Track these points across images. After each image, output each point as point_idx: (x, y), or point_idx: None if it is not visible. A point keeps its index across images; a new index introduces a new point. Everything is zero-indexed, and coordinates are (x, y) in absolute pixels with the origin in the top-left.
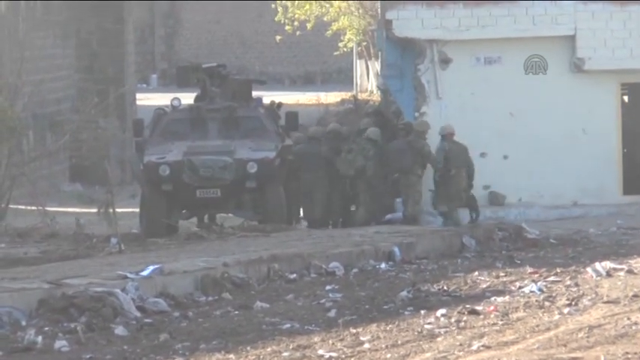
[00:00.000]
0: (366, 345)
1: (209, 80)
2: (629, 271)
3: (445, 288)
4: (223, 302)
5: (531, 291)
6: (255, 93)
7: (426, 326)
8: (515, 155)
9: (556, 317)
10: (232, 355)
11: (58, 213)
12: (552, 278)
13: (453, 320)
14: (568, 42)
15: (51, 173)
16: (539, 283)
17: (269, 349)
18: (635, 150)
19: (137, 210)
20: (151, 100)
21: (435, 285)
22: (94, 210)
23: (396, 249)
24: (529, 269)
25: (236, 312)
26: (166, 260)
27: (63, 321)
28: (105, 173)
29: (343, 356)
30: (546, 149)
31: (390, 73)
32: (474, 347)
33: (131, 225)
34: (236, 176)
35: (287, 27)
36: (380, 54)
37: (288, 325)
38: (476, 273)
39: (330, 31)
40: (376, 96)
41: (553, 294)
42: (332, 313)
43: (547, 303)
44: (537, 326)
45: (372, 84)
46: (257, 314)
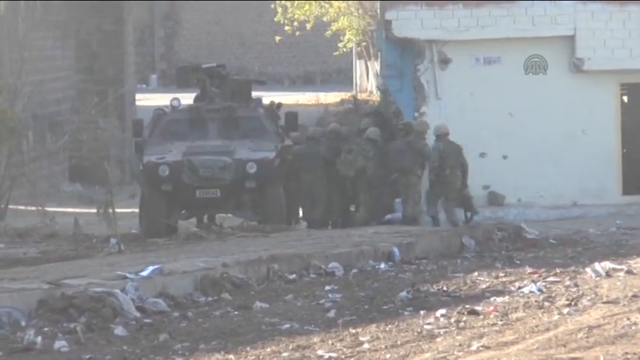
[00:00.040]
0: (366, 345)
1: (209, 80)
2: (628, 272)
3: (444, 288)
4: (223, 302)
5: (531, 291)
6: (254, 93)
7: (426, 326)
8: (514, 155)
9: (555, 317)
10: (232, 356)
11: (58, 213)
12: (552, 278)
13: (453, 320)
14: (567, 42)
15: (51, 173)
16: (538, 284)
17: (268, 350)
18: (634, 150)
19: (137, 210)
20: (151, 101)
21: (435, 285)
22: (94, 210)
23: (396, 249)
24: (528, 269)
25: (235, 312)
26: (166, 260)
27: (62, 321)
28: (104, 173)
29: (343, 356)
30: (546, 149)
31: (390, 74)
32: (474, 347)
33: (131, 225)
34: (235, 176)
35: (286, 27)
36: (379, 54)
37: (287, 326)
38: (475, 273)
39: (330, 32)
40: (376, 96)
41: (552, 294)
42: (331, 314)
43: (546, 303)
44: (537, 326)
45: (372, 84)
46: (256, 314)
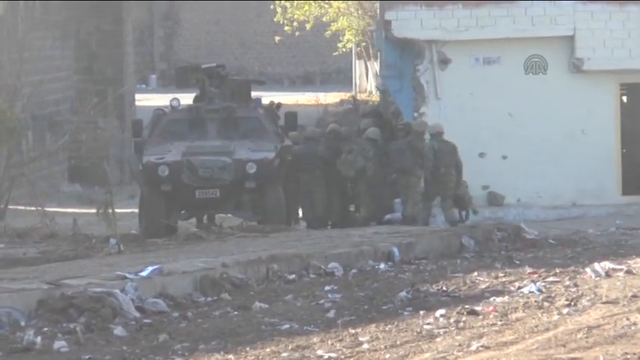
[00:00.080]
0: (365, 345)
1: (208, 81)
2: (628, 272)
3: (444, 288)
4: (222, 303)
5: (530, 291)
6: (254, 93)
7: (425, 327)
8: (514, 155)
9: (555, 318)
10: (231, 356)
11: (58, 213)
12: (551, 279)
13: (452, 321)
14: (567, 42)
15: (50, 174)
16: (538, 284)
17: (268, 350)
18: (634, 150)
19: (136, 210)
20: (150, 101)
21: (434, 285)
22: (93, 210)
23: (395, 249)
24: (528, 269)
25: (235, 312)
26: (165, 261)
27: (62, 321)
28: (104, 174)
29: (342, 357)
30: (545, 149)
31: (389, 74)
32: (473, 347)
33: (130, 225)
34: (235, 177)
35: (286, 27)
36: (379, 54)
37: (287, 326)
38: (475, 273)
39: (329, 32)
40: (375, 96)
41: (552, 294)
42: (331, 314)
43: (546, 303)
44: (536, 327)
45: (371, 84)
46: (256, 315)
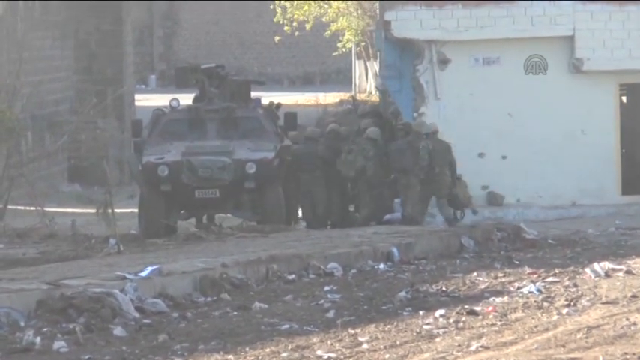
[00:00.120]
0: (365, 345)
1: (208, 81)
2: (627, 272)
3: (444, 288)
4: (222, 303)
5: (530, 291)
6: (253, 93)
7: (425, 327)
8: (513, 156)
9: (555, 318)
10: (231, 356)
11: (57, 214)
12: (551, 279)
13: (452, 321)
14: (567, 42)
15: (50, 174)
16: (537, 284)
17: (267, 350)
18: (633, 150)
19: (136, 210)
20: (150, 101)
21: (434, 285)
22: (93, 210)
23: (395, 249)
24: (528, 270)
25: (235, 312)
26: (165, 261)
27: (61, 321)
28: (103, 174)
29: (342, 357)
30: (545, 150)
31: (389, 74)
32: (473, 348)
33: (130, 226)
34: (235, 177)
35: (286, 27)
36: (379, 54)
37: (286, 326)
38: (474, 273)
39: (329, 32)
40: (375, 96)
41: (552, 294)
42: (330, 314)
43: (545, 303)
44: (536, 327)
45: (371, 84)
46: (255, 315)
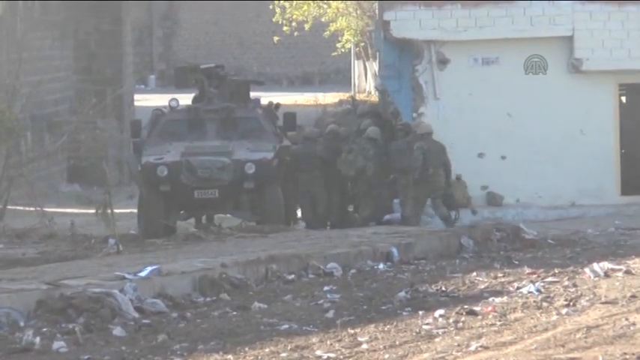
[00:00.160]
0: (364, 345)
1: (207, 81)
2: (627, 272)
3: (443, 288)
4: (221, 303)
5: (529, 291)
6: (253, 94)
7: (424, 327)
8: (513, 156)
9: (554, 318)
10: (230, 356)
11: (56, 214)
12: (550, 279)
13: (451, 321)
14: (566, 42)
15: (49, 174)
16: (537, 284)
17: (267, 350)
18: (633, 150)
19: (135, 211)
20: (149, 101)
21: (433, 285)
22: (92, 211)
23: (394, 250)
24: (527, 270)
25: (234, 313)
26: (164, 261)
27: (61, 322)
28: (103, 174)
29: (341, 357)
30: (544, 150)
31: (388, 74)
32: (472, 348)
33: (129, 226)
34: (234, 177)
35: (285, 28)
36: (378, 55)
37: (286, 326)
38: (474, 273)
39: (328, 32)
40: (374, 97)
41: (551, 294)
42: (330, 314)
43: (545, 304)
44: (535, 327)
45: (370, 85)
46: (255, 315)
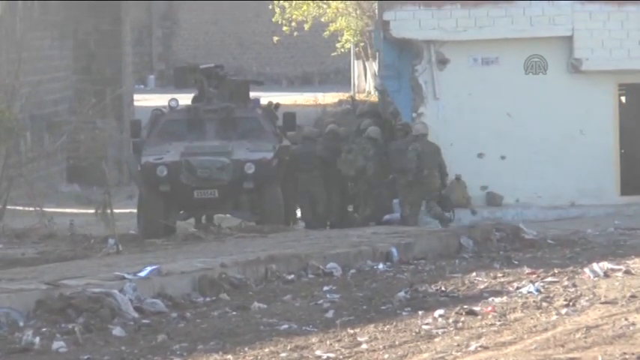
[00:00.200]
0: (364, 345)
1: (206, 81)
2: (626, 272)
3: (443, 288)
4: (221, 303)
5: (529, 291)
6: (252, 94)
7: (424, 327)
8: (512, 156)
9: (554, 318)
10: (230, 356)
11: (56, 214)
12: (550, 279)
13: (451, 321)
14: (565, 42)
15: (48, 174)
16: (536, 284)
17: (266, 350)
18: (632, 150)
19: (135, 211)
20: (149, 101)
21: (433, 285)
22: (92, 211)
23: (394, 250)
24: (527, 270)
25: (234, 313)
26: (164, 261)
27: (60, 322)
28: (102, 174)
29: (341, 357)
30: (544, 150)
31: (388, 74)
32: (472, 348)
33: (129, 226)
34: (234, 177)
35: (284, 28)
36: (377, 55)
37: (285, 326)
38: (473, 274)
39: (328, 32)
40: (374, 97)
41: (551, 294)
42: (329, 314)
43: (545, 303)
44: (535, 327)
45: (370, 85)
46: (254, 315)
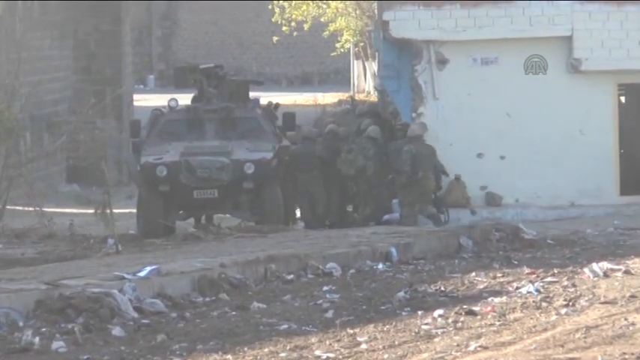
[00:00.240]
0: (364, 346)
1: (206, 81)
2: (626, 272)
3: (442, 288)
4: (220, 303)
5: (528, 291)
6: (252, 94)
7: (423, 327)
8: (512, 156)
9: (553, 318)
10: (229, 356)
11: (56, 214)
12: (549, 279)
13: (450, 321)
14: (565, 43)
15: (48, 174)
16: (536, 284)
17: (266, 350)
18: (632, 150)
19: (134, 211)
20: (149, 101)
21: (433, 285)
22: (91, 211)
23: (394, 250)
24: (526, 270)
25: (233, 313)
26: (163, 261)
27: (60, 322)
28: (102, 174)
29: (340, 357)
30: (543, 150)
31: (387, 74)
32: (471, 348)
33: (128, 226)
34: (233, 177)
35: (284, 28)
36: (377, 55)
37: (285, 326)
38: (473, 274)
39: (328, 32)
40: (373, 96)
41: (550, 294)
42: (329, 314)
43: (544, 303)
44: (534, 327)
45: (369, 85)
46: (254, 315)
